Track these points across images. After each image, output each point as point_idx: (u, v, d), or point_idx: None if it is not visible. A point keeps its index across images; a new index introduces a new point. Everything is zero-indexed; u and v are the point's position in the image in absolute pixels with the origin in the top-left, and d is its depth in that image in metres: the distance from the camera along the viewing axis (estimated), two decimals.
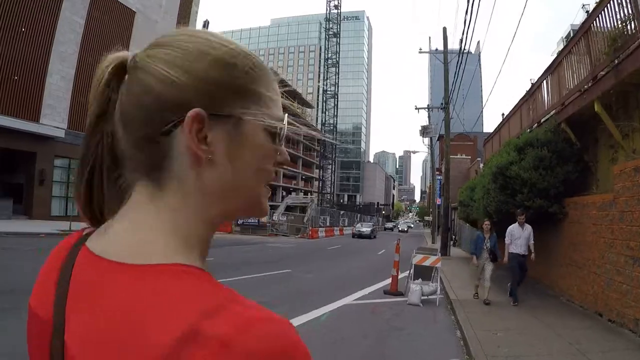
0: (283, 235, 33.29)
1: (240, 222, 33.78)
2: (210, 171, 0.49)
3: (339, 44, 75.44)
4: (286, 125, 0.54)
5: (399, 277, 9.62)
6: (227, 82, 0.50)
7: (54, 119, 24.68)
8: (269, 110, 0.53)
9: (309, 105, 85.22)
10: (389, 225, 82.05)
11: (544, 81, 10.80)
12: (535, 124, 11.22)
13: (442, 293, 9.54)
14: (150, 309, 0.41)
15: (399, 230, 72.19)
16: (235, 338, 0.38)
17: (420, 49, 23.96)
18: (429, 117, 34.18)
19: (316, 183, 75.56)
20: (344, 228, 45.56)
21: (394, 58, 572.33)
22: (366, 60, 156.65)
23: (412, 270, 9.03)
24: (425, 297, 8.55)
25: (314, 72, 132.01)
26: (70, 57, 25.91)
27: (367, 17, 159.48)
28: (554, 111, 9.53)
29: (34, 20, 23.26)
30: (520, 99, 13.17)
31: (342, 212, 51.50)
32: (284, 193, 52.72)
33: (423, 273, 8.96)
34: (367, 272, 13.11)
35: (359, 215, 59.43)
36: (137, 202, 0.51)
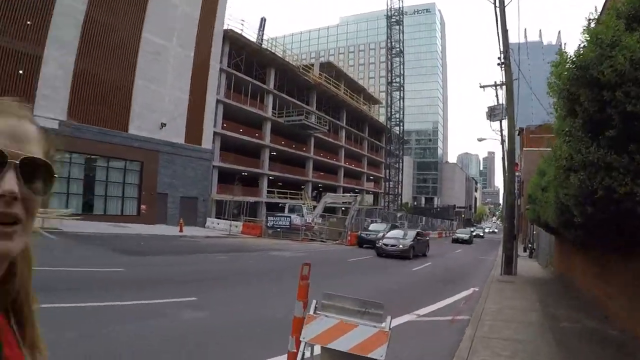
0: (320, 241, 28.10)
1: (270, 224, 29.39)
2: None
3: (402, 31, 68.66)
4: None
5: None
6: None
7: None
8: None
9: (376, 101, 79.04)
10: (371, 230, 27.70)
11: None
12: None
13: None
14: None
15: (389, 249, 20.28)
16: None
17: None
18: (496, 96, 27.41)
19: (386, 184, 69.18)
20: None
21: (474, 55, 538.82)
22: (440, 55, 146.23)
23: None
24: None
25: (386, 69, 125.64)
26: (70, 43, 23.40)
27: (439, 10, 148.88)
28: None
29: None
30: None
31: (399, 214, 44.98)
32: (349, 194, 47.13)
33: None
34: None
35: (423, 218, 52.44)
36: None
